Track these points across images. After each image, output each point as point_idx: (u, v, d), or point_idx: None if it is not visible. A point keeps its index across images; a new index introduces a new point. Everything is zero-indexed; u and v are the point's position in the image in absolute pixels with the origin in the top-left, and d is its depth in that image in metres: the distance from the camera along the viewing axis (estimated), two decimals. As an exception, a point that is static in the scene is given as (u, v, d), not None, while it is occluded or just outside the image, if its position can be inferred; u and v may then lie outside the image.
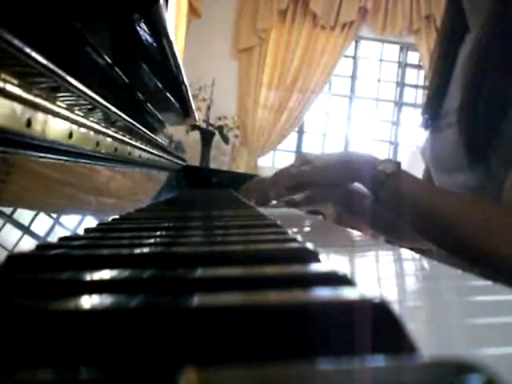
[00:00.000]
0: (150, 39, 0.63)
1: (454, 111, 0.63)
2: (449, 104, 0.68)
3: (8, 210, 0.30)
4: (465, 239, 0.51)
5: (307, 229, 0.60)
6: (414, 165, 2.39)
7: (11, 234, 0.30)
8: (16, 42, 0.26)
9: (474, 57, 0.61)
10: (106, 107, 0.48)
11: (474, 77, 0.59)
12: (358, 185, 0.66)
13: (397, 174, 0.59)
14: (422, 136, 0.78)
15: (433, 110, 0.72)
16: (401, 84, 3.80)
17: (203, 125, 3.06)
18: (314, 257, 0.23)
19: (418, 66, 3.76)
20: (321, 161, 0.67)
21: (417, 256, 0.34)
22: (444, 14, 0.75)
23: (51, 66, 0.32)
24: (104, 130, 0.51)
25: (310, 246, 0.25)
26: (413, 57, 3.76)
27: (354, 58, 3.75)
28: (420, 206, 0.57)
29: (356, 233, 0.52)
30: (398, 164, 0.60)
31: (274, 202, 0.79)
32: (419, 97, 3.77)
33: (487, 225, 0.51)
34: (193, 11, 3.17)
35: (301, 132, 3.73)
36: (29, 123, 0.32)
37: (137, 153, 0.71)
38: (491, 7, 0.59)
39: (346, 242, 0.47)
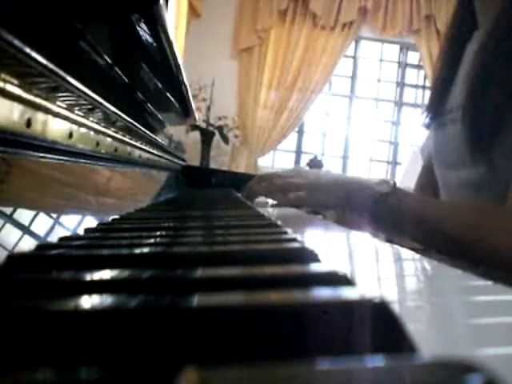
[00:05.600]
0: (149, 39, 0.63)
1: (458, 107, 0.63)
2: (453, 100, 0.68)
3: (8, 210, 0.30)
4: (473, 248, 0.53)
5: (307, 229, 0.60)
6: (414, 165, 2.39)
7: (11, 234, 0.30)
8: (16, 42, 0.26)
9: (482, 54, 0.61)
10: (106, 107, 0.48)
11: (481, 73, 0.59)
12: (357, 185, 0.67)
13: (393, 193, 0.61)
14: (422, 136, 0.79)
15: (437, 107, 0.73)
16: (401, 84, 3.80)
17: (203, 125, 3.06)
18: (313, 257, 0.23)
19: (418, 66, 3.76)
20: (314, 174, 0.71)
21: (417, 256, 0.34)
22: (453, 10, 0.75)
23: (51, 66, 0.32)
24: (104, 129, 0.51)
25: (309, 245, 0.25)
26: (413, 57, 3.77)
27: (354, 58, 3.75)
28: (421, 220, 0.58)
29: (356, 232, 0.52)
30: (393, 183, 0.62)
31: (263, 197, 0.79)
32: (419, 97, 3.77)
33: (491, 233, 0.53)
34: (193, 11, 3.17)
35: (301, 132, 3.73)
36: (29, 123, 0.32)
37: (137, 153, 0.71)
38: (502, 5, 0.60)
39: (346, 241, 0.47)
